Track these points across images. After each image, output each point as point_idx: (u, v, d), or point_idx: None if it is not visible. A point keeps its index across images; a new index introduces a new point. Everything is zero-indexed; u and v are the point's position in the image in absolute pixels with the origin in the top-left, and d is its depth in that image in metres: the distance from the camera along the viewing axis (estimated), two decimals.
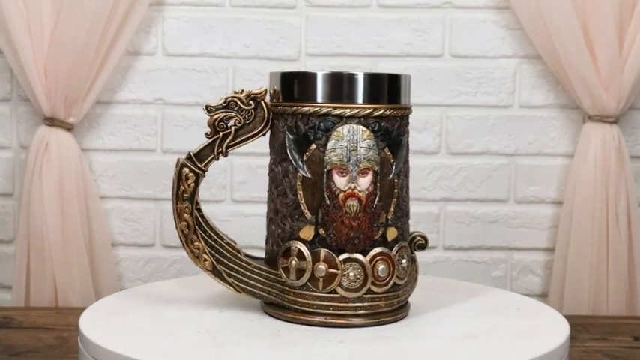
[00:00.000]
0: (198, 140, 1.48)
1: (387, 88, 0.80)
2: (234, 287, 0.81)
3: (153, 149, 1.49)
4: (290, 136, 0.79)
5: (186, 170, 0.80)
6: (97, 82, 1.43)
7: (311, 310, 0.79)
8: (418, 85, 1.49)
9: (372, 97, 0.79)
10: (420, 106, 1.49)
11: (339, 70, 0.81)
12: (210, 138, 0.81)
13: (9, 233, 1.50)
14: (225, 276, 0.81)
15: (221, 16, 1.48)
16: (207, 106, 0.80)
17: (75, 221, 1.41)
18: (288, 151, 0.79)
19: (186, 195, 0.81)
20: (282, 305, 0.80)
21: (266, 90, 0.81)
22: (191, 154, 0.81)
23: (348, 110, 0.78)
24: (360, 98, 0.79)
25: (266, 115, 0.80)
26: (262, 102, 0.80)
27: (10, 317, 1.30)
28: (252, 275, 0.81)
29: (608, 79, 1.41)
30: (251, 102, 0.80)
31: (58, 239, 1.40)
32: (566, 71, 1.42)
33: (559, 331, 0.78)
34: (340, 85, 0.78)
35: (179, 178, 0.80)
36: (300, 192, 0.78)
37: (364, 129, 0.78)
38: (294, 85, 0.80)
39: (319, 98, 0.78)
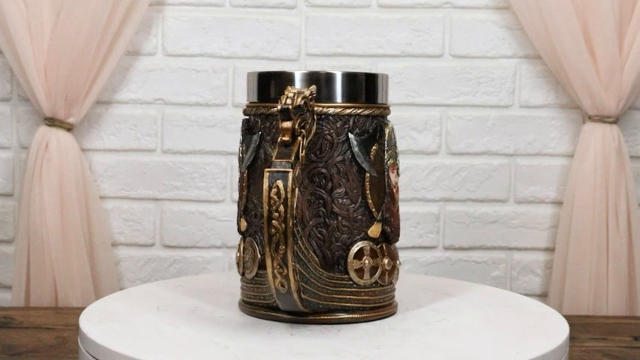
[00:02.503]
0: (198, 140, 1.49)
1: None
2: (301, 304, 0.76)
3: (153, 149, 1.49)
4: (355, 137, 0.78)
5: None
6: (97, 82, 1.43)
7: (379, 304, 0.80)
8: (418, 85, 1.49)
9: (387, 97, 0.84)
10: (420, 106, 1.49)
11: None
12: (289, 145, 0.73)
13: (9, 233, 1.50)
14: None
15: (221, 16, 1.48)
16: (289, 109, 0.73)
17: (75, 221, 1.41)
18: (356, 153, 0.78)
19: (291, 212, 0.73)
20: (342, 309, 0.79)
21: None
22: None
23: (389, 111, 0.82)
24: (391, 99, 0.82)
25: (315, 117, 0.77)
26: (311, 103, 0.76)
27: (10, 317, 1.30)
28: (322, 286, 0.77)
29: (608, 79, 1.41)
30: (310, 103, 0.75)
31: (58, 239, 1.40)
32: (566, 71, 1.42)
33: (559, 331, 0.78)
34: (382, 85, 0.81)
35: (293, 193, 0.71)
36: (368, 191, 0.79)
37: (393, 127, 0.83)
38: (353, 85, 0.79)
39: (362, 99, 0.79)
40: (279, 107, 0.72)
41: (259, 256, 0.79)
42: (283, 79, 0.79)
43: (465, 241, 1.51)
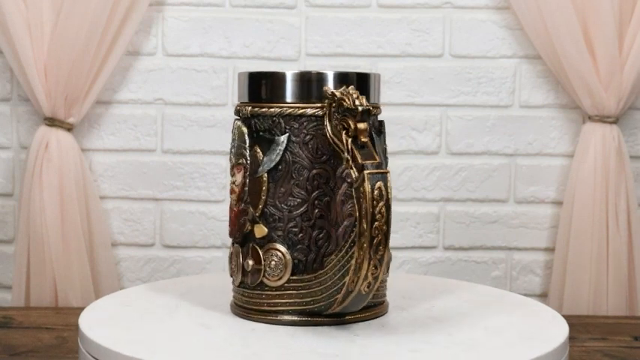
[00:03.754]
0: (198, 140, 1.49)
1: None
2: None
3: (153, 149, 1.49)
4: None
5: None
6: (97, 82, 1.43)
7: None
8: (418, 85, 1.49)
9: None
10: (420, 106, 1.49)
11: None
12: (365, 146, 0.73)
13: (9, 233, 1.50)
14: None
15: (221, 16, 1.48)
16: (370, 109, 0.73)
17: (75, 221, 1.41)
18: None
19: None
20: (368, 305, 0.79)
21: None
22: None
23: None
24: None
25: None
26: None
27: (10, 317, 1.30)
28: None
29: (608, 79, 1.41)
30: None
31: (58, 239, 1.40)
32: (566, 71, 1.42)
33: (558, 331, 0.78)
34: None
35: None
36: None
37: None
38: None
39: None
40: (360, 109, 0.72)
41: (293, 261, 0.77)
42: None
43: (465, 241, 1.51)
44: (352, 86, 0.75)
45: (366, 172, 0.71)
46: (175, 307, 0.84)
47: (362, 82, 0.79)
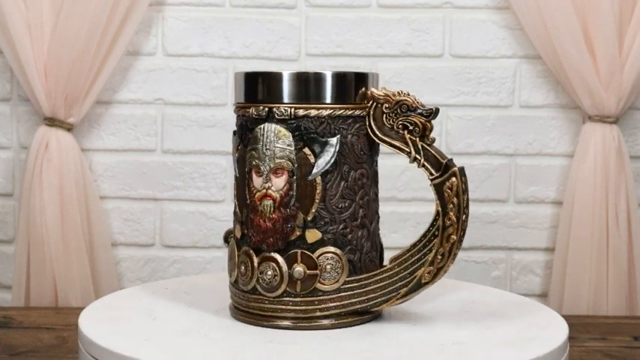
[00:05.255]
0: (198, 140, 1.49)
1: None
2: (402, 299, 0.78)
3: (153, 149, 1.49)
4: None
5: None
6: (97, 82, 1.43)
7: None
8: (418, 85, 1.49)
9: None
10: None
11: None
12: (432, 144, 0.77)
13: (9, 233, 1.50)
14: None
15: (221, 16, 1.48)
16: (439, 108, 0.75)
17: (75, 221, 1.41)
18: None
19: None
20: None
21: None
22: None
23: None
24: None
25: None
26: None
27: (10, 317, 1.30)
28: None
29: (608, 79, 1.41)
30: None
31: (58, 239, 1.40)
32: (566, 71, 1.42)
33: (559, 331, 0.78)
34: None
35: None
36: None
37: None
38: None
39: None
40: (434, 108, 0.75)
41: (356, 260, 0.77)
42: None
43: (465, 241, 1.50)
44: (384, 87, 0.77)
45: (455, 168, 0.74)
46: (175, 307, 0.84)
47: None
